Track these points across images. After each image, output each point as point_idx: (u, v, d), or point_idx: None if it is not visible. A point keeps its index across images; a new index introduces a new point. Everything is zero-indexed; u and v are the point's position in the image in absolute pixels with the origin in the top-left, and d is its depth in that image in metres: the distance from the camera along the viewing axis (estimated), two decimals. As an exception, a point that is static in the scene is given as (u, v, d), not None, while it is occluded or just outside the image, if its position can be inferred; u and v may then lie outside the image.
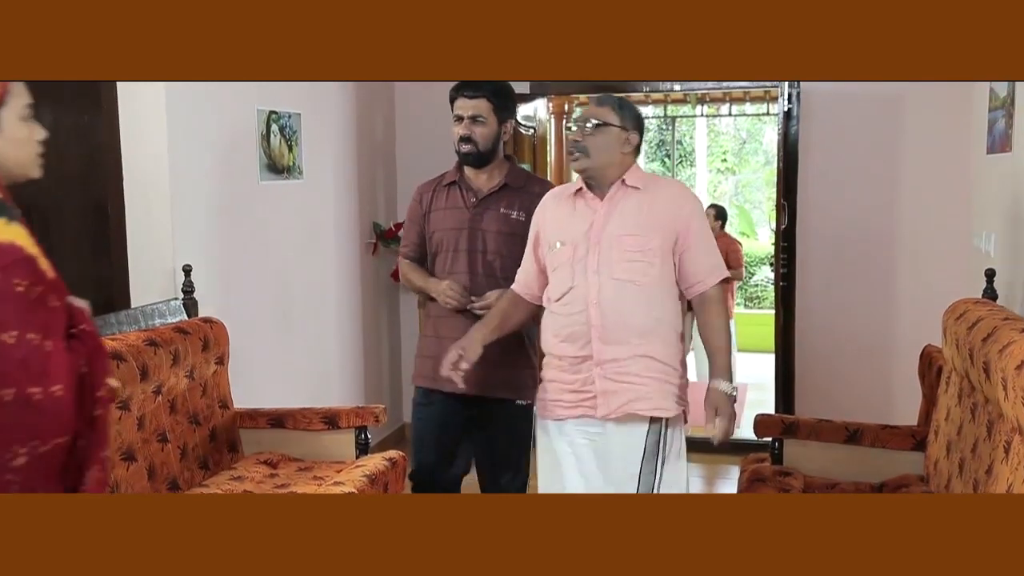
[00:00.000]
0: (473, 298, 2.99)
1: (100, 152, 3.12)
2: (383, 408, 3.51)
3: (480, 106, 3.00)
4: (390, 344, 5.44)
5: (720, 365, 2.61)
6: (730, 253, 7.02)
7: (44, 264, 1.68)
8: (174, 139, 3.23)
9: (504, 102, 3.05)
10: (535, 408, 2.77)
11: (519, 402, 3.07)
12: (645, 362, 2.54)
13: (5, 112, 1.72)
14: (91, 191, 3.17)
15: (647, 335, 2.54)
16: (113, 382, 1.80)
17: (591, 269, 2.55)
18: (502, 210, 3.04)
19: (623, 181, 2.59)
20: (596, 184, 2.60)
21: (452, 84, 3.08)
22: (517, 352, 3.03)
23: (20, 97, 1.75)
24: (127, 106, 3.14)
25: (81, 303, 1.81)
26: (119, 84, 3.11)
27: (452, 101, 3.04)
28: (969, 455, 2.57)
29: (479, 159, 3.04)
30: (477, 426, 3.09)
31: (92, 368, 1.72)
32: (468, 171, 3.09)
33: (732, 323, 7.14)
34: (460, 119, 3.02)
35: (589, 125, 2.57)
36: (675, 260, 2.56)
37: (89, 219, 3.19)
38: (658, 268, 2.55)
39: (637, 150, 2.65)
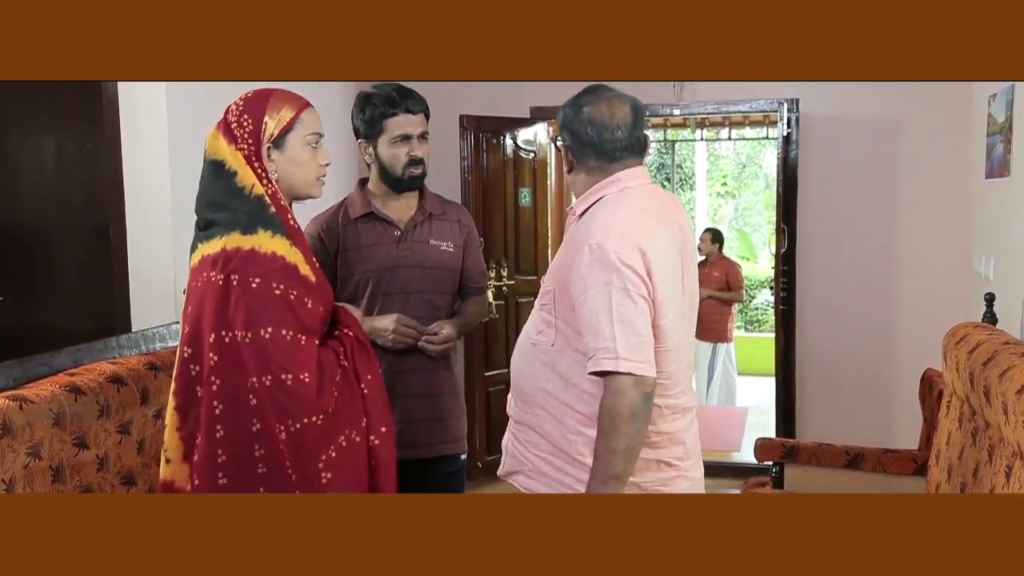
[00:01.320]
0: (423, 343, 2.58)
1: (102, 178, 3.14)
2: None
3: (423, 122, 2.61)
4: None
5: (588, 489, 1.96)
6: (730, 275, 7.05)
7: (305, 271, 1.96)
8: (176, 164, 3.24)
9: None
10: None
11: (463, 457, 2.72)
12: (532, 436, 2.12)
13: (292, 136, 2.00)
14: (93, 216, 3.18)
15: (532, 406, 2.10)
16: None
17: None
18: (432, 242, 2.65)
19: (572, 207, 2.14)
20: None
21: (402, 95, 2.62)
22: (452, 400, 2.70)
23: (307, 126, 2.02)
24: (129, 132, 3.16)
25: (353, 310, 2.16)
26: (121, 111, 3.13)
27: (386, 117, 2.57)
28: (970, 480, 2.56)
29: (421, 183, 2.66)
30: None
31: (353, 362, 2.01)
32: (381, 199, 2.66)
33: (732, 347, 7.16)
34: (407, 138, 2.58)
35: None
36: None
37: (91, 243, 3.20)
38: (555, 329, 2.05)
39: (584, 160, 2.09)
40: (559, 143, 2.14)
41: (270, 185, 1.96)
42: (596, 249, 1.92)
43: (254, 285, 1.87)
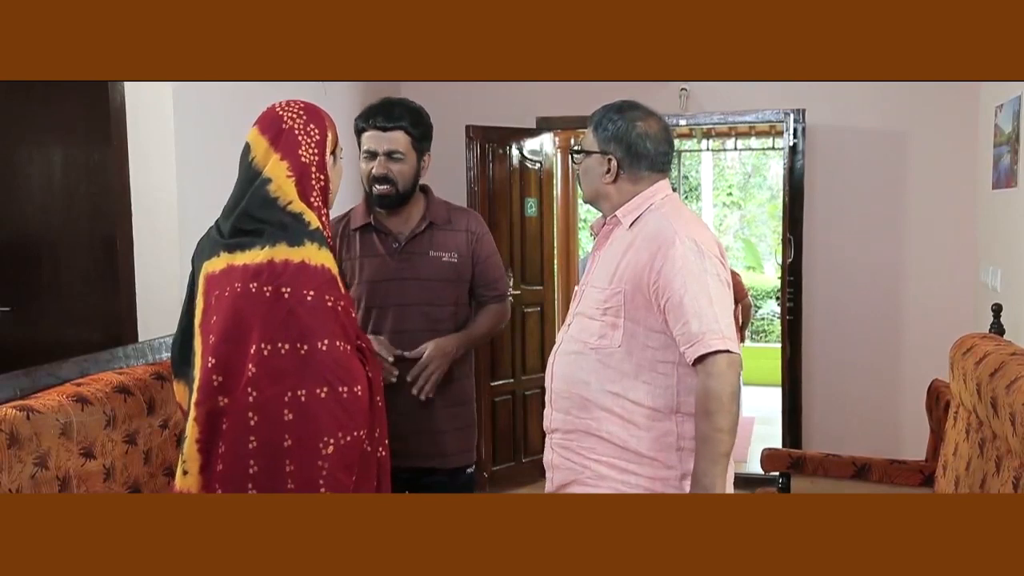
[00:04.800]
0: (406, 353, 2.55)
1: (109, 189, 3.15)
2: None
3: (396, 139, 2.54)
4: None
5: (698, 470, 2.03)
6: (733, 286, 7.01)
7: (342, 282, 1.99)
8: (183, 174, 3.25)
9: (424, 132, 2.60)
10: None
11: (470, 470, 2.69)
12: (591, 441, 2.15)
13: (338, 149, 2.10)
14: (100, 226, 3.20)
15: (593, 410, 2.14)
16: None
17: (566, 322, 2.26)
18: (432, 253, 2.61)
19: (615, 216, 2.21)
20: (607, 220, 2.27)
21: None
22: (464, 412, 2.69)
23: (339, 141, 2.11)
24: (136, 143, 3.18)
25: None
26: (128, 121, 3.15)
27: (360, 133, 2.59)
28: (978, 491, 2.55)
29: (398, 201, 2.58)
30: None
31: (373, 372, 2.03)
32: (384, 211, 2.63)
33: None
34: (372, 155, 2.55)
35: (577, 149, 2.26)
36: (663, 318, 2.07)
37: (98, 254, 3.21)
38: (622, 330, 2.11)
39: (636, 171, 2.19)
40: (596, 152, 2.21)
41: (319, 196, 1.99)
42: (689, 242, 2.07)
43: (309, 298, 1.90)
